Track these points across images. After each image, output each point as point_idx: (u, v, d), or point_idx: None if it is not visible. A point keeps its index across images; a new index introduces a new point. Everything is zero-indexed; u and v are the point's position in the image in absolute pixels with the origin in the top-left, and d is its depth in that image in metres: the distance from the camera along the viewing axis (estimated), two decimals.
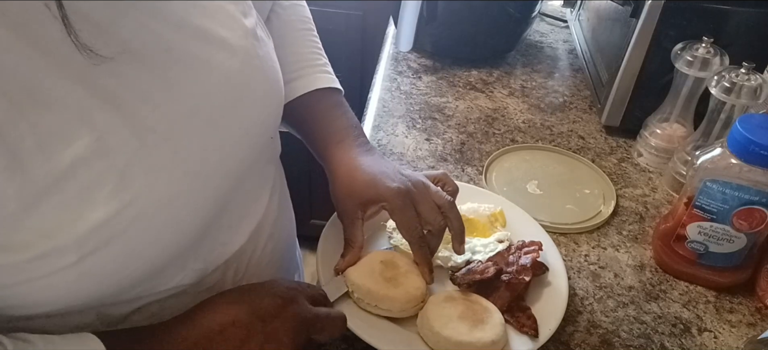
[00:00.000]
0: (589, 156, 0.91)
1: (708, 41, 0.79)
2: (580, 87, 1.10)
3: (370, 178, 0.62)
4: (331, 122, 0.68)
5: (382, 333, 0.58)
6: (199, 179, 0.45)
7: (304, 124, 0.69)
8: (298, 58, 0.69)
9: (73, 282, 0.40)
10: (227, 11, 0.49)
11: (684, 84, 0.82)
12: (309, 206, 1.79)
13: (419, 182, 0.62)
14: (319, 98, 0.68)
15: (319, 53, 0.72)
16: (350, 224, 0.62)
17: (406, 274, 0.61)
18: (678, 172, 0.84)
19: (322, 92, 0.68)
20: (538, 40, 1.24)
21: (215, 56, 0.47)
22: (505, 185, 0.84)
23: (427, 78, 1.07)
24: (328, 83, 0.69)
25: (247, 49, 0.50)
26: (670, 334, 0.65)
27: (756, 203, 0.64)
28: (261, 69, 0.52)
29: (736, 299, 0.70)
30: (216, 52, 0.47)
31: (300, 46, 0.70)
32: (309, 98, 0.68)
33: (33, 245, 0.37)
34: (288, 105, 0.64)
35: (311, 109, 0.68)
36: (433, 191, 0.62)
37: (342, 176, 0.63)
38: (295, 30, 0.70)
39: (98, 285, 0.42)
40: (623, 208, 0.82)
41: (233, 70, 0.48)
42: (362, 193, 0.62)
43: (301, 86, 0.67)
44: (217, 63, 0.47)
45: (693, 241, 0.69)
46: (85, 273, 0.40)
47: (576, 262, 0.73)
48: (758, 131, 0.61)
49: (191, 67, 0.45)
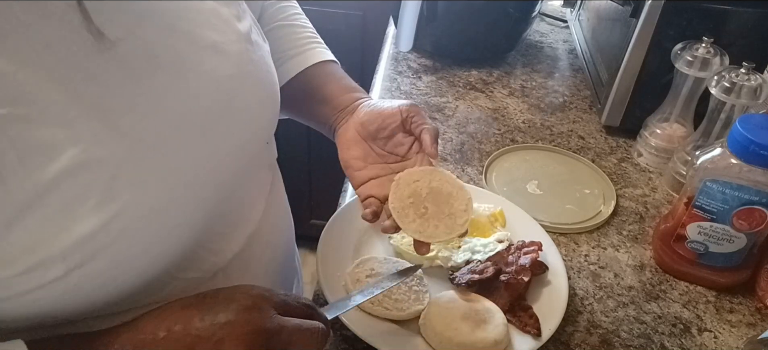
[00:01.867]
0: (589, 156, 0.91)
1: (708, 41, 0.79)
2: (580, 87, 1.10)
3: (374, 110, 0.63)
4: (339, 87, 0.68)
5: (384, 334, 0.58)
6: (190, 189, 0.44)
7: (304, 100, 0.68)
8: (292, 41, 0.69)
9: (59, 297, 0.39)
10: (220, 15, 0.48)
11: (684, 84, 0.82)
12: (309, 206, 1.79)
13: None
14: (319, 71, 0.69)
15: (312, 35, 0.72)
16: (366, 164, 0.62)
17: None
18: (678, 172, 0.84)
19: (321, 65, 0.69)
20: (538, 40, 1.24)
21: (206, 62, 0.45)
22: (505, 185, 0.84)
23: (427, 78, 1.07)
24: (325, 57, 0.69)
25: (240, 54, 0.49)
26: (670, 334, 0.65)
27: (756, 203, 0.64)
28: (255, 74, 0.51)
29: (736, 299, 0.70)
30: (207, 57, 0.46)
31: (292, 31, 0.70)
32: (309, 73, 0.68)
33: (18, 261, 0.36)
34: (285, 87, 0.63)
35: (313, 81, 0.68)
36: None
37: (351, 128, 0.64)
38: (285, 20, 0.71)
39: (86, 299, 0.41)
40: (623, 208, 0.82)
41: (225, 76, 0.47)
42: (371, 125, 0.62)
43: (298, 63, 0.67)
44: (208, 69, 0.46)
45: (693, 241, 0.69)
46: (72, 287, 0.39)
47: (576, 262, 0.73)
48: (758, 131, 0.61)
49: (180, 74, 0.44)
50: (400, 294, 0.62)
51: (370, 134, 0.62)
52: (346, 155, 0.63)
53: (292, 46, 0.68)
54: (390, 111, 0.61)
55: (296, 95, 0.68)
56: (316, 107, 0.68)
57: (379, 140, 0.62)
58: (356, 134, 0.63)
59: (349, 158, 0.62)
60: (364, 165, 0.62)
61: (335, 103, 0.66)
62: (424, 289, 0.63)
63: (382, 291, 0.58)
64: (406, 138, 0.62)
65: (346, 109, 0.66)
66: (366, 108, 0.63)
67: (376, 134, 0.62)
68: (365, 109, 0.63)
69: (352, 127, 0.63)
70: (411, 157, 0.62)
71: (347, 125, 0.64)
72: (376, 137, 0.62)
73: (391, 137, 0.62)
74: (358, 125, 0.63)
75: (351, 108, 0.65)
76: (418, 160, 0.62)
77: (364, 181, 0.61)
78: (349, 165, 0.62)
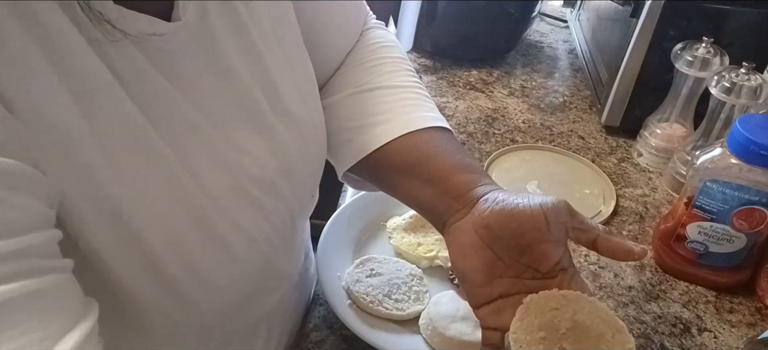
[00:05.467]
0: (589, 156, 0.91)
1: (708, 41, 0.79)
2: (580, 87, 1.10)
3: (505, 209, 0.46)
4: (451, 164, 0.51)
5: (384, 334, 0.58)
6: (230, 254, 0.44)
7: (399, 175, 0.53)
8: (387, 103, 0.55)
9: None
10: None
11: (684, 84, 0.82)
12: None
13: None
14: (420, 141, 0.53)
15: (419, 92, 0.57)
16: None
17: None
18: (678, 172, 0.83)
19: (427, 132, 0.53)
20: (538, 40, 1.24)
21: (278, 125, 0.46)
22: (505, 185, 0.83)
23: (427, 78, 1.07)
24: (434, 122, 0.54)
25: (308, 120, 0.49)
26: (670, 334, 0.65)
27: (756, 203, 0.64)
28: (306, 133, 0.50)
29: (736, 299, 0.70)
30: (277, 120, 0.46)
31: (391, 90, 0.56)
32: (407, 142, 0.52)
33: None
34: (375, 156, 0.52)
35: (414, 154, 0.52)
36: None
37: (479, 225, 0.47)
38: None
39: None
40: (623, 208, 0.82)
41: (291, 139, 0.47)
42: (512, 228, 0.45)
43: (392, 129, 0.53)
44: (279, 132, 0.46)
45: (693, 241, 0.69)
46: None
47: (576, 262, 0.73)
48: (758, 131, 0.61)
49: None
50: (400, 294, 0.62)
51: (499, 240, 0.46)
52: (462, 266, 0.47)
53: (385, 109, 0.54)
54: (529, 213, 0.45)
55: (389, 174, 0.53)
56: (418, 187, 0.51)
57: (512, 249, 0.46)
58: (477, 239, 0.46)
59: (467, 271, 0.47)
60: (488, 280, 0.46)
61: (446, 186, 0.49)
62: (424, 289, 0.63)
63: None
64: (555, 249, 0.46)
65: (461, 197, 0.48)
66: (492, 204, 0.46)
67: (509, 242, 0.46)
68: (491, 205, 0.46)
69: (470, 228, 0.47)
70: (556, 274, 0.46)
71: (463, 224, 0.47)
72: (508, 245, 0.46)
73: (529, 249, 0.46)
74: (482, 227, 0.46)
75: (469, 198, 0.48)
76: (566, 281, 0.46)
77: (488, 301, 0.46)
78: (466, 279, 0.47)
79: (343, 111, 0.56)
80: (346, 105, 0.55)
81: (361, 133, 0.53)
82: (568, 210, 0.45)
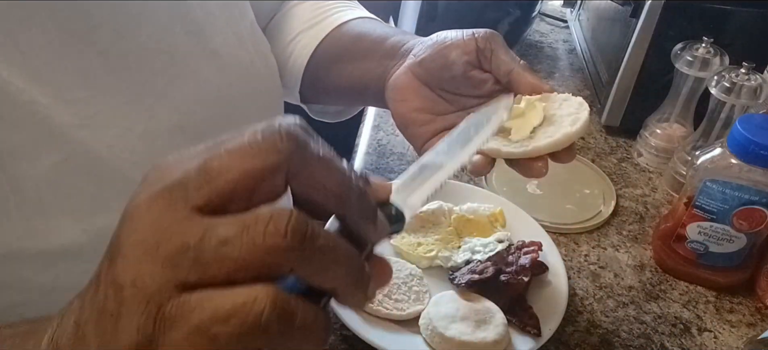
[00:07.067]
0: (589, 156, 0.91)
1: (708, 41, 0.79)
2: (580, 87, 1.10)
3: (436, 44, 0.47)
4: (380, 36, 0.53)
5: (384, 334, 0.58)
6: None
7: (339, 68, 0.54)
8: (312, 12, 0.57)
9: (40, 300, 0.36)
10: (218, 19, 0.46)
11: (684, 84, 0.82)
12: None
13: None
14: (347, 30, 0.56)
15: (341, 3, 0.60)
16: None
17: None
18: (678, 172, 0.83)
19: (351, 23, 0.56)
20: (538, 40, 1.24)
21: (204, 69, 0.43)
22: (505, 185, 0.84)
23: None
24: (354, 15, 0.56)
25: (241, 61, 0.46)
26: (670, 334, 0.65)
27: (756, 203, 0.64)
28: (254, 82, 0.48)
29: (736, 299, 0.70)
30: (205, 64, 0.43)
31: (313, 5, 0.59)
32: (336, 36, 0.55)
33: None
34: (311, 68, 0.54)
35: (343, 41, 0.55)
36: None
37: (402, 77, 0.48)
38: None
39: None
40: (623, 208, 0.82)
41: (223, 84, 0.45)
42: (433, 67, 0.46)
43: (321, 30, 0.55)
44: (206, 77, 0.43)
45: (693, 241, 0.69)
46: (54, 290, 0.36)
47: (576, 262, 0.73)
48: (758, 131, 0.61)
49: (176, 81, 0.41)
50: (400, 294, 0.62)
51: (432, 75, 0.46)
52: (401, 109, 0.47)
53: (310, 17, 0.56)
54: (459, 41, 0.45)
55: (329, 68, 0.54)
56: (358, 66, 0.52)
57: (447, 81, 0.46)
58: (413, 78, 0.47)
59: (407, 112, 0.47)
60: (430, 118, 0.46)
61: (380, 52, 0.50)
62: (424, 289, 0.63)
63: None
64: (488, 75, 0.46)
65: (396, 55, 0.49)
66: (425, 43, 0.47)
67: (442, 73, 0.46)
68: (424, 44, 0.47)
69: (407, 71, 0.47)
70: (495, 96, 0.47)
71: (399, 72, 0.48)
72: (441, 77, 0.46)
73: (464, 76, 0.46)
74: (415, 64, 0.47)
75: (402, 53, 0.49)
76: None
77: (431, 136, 0.46)
78: (408, 122, 0.47)
79: (280, 31, 0.58)
80: (278, 24, 0.58)
81: (297, 43, 0.56)
82: (500, 39, 0.46)
